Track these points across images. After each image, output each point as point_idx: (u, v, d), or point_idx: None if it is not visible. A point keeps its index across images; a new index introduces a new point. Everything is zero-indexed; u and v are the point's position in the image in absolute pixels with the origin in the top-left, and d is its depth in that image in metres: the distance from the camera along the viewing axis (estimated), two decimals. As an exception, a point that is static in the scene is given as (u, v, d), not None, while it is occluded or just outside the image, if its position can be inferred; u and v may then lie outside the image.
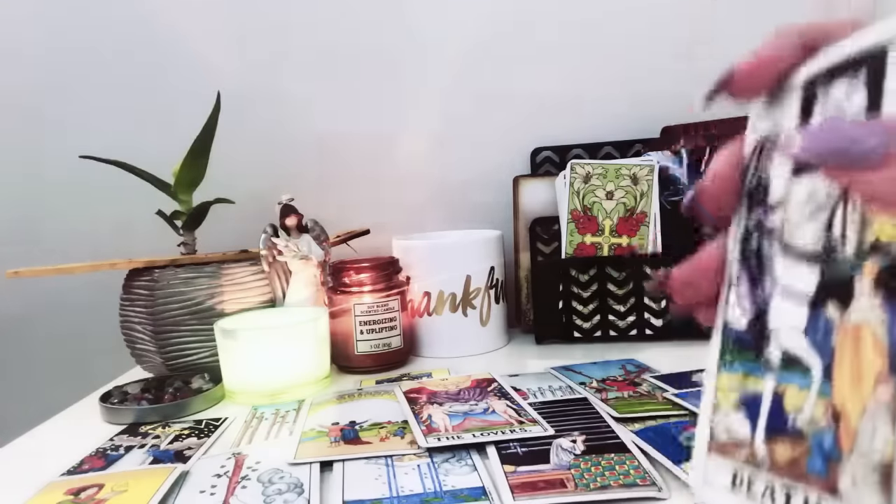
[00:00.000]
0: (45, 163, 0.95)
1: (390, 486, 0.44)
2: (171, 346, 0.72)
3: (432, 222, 0.91)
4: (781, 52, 0.19)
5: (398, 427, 0.54)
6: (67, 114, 0.95)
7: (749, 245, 0.21)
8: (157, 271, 0.73)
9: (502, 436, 0.50)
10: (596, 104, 0.89)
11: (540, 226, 0.79)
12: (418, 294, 0.78)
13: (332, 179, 0.93)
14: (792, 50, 0.19)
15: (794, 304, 0.18)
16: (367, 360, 0.73)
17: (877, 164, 0.15)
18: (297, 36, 0.91)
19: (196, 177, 0.78)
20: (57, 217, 0.96)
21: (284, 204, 0.74)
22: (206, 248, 0.81)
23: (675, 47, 0.87)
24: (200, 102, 0.77)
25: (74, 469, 0.51)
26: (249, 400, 0.65)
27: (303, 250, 0.74)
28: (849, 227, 0.17)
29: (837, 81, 0.17)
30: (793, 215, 0.19)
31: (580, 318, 0.78)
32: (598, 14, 0.88)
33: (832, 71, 0.18)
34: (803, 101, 0.19)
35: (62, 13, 0.93)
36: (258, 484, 0.46)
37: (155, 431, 0.59)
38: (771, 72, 0.19)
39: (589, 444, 0.48)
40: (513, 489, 0.42)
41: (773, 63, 0.19)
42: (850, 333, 0.16)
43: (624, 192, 0.77)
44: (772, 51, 0.19)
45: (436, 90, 0.91)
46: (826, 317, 0.17)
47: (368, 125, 0.92)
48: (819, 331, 0.17)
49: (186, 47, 0.92)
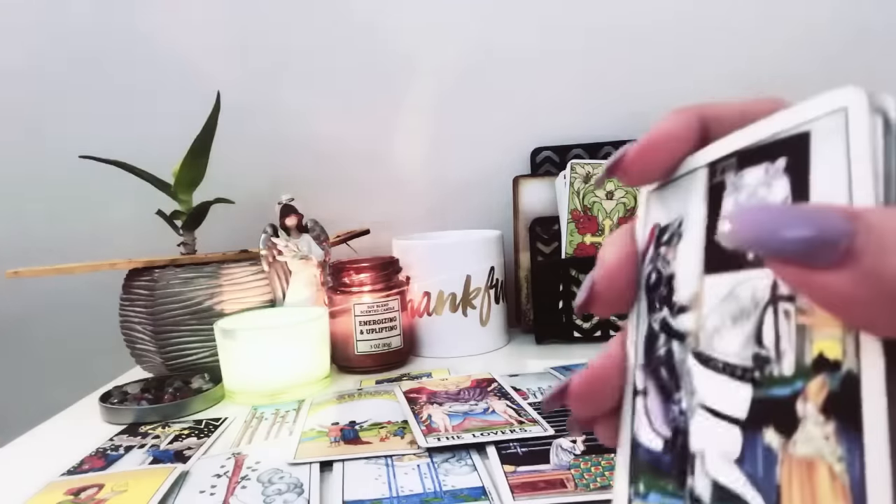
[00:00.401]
0: (46, 163, 0.95)
1: (390, 486, 0.44)
2: (171, 346, 0.72)
3: (432, 222, 0.91)
4: (677, 132, 0.17)
5: (398, 427, 0.54)
6: (67, 114, 0.95)
7: (656, 351, 0.17)
8: (156, 271, 0.73)
9: (502, 436, 0.50)
10: (596, 104, 0.89)
11: (540, 226, 0.79)
12: (418, 294, 0.78)
13: (332, 179, 0.93)
14: (688, 131, 0.17)
15: (723, 426, 0.15)
16: (367, 360, 0.73)
17: (838, 261, 0.12)
18: (296, 37, 0.91)
19: (196, 177, 0.78)
20: (57, 217, 0.96)
21: (284, 204, 0.74)
22: (206, 248, 0.81)
23: (675, 47, 0.87)
24: (200, 103, 0.77)
25: (74, 469, 0.51)
26: (249, 400, 0.65)
27: (303, 250, 0.74)
28: (783, 338, 0.14)
29: (750, 168, 0.15)
30: (709, 319, 0.16)
31: (580, 318, 0.78)
32: (598, 14, 0.87)
33: (742, 156, 0.15)
34: (710, 187, 0.16)
35: (64, 21, 0.93)
36: (258, 484, 0.46)
37: (155, 431, 0.59)
38: (664, 154, 0.17)
39: (589, 444, 0.48)
40: (513, 489, 0.42)
41: (667, 144, 0.17)
42: (800, 469, 0.13)
43: (624, 192, 0.77)
44: (666, 131, 0.17)
45: (436, 90, 0.91)
46: (765, 444, 0.14)
47: (368, 125, 0.92)
48: (757, 462, 0.14)
49: (187, 50, 0.92)
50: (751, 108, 0.17)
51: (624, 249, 0.19)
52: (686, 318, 0.16)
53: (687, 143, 0.17)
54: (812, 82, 0.86)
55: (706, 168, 0.16)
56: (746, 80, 0.85)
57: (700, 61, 0.86)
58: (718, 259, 0.15)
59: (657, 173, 0.18)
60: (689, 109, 0.17)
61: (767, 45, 0.85)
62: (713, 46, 0.86)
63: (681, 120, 0.17)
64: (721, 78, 0.85)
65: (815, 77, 0.84)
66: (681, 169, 0.17)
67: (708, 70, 0.86)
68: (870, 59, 0.83)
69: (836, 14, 0.84)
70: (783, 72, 0.84)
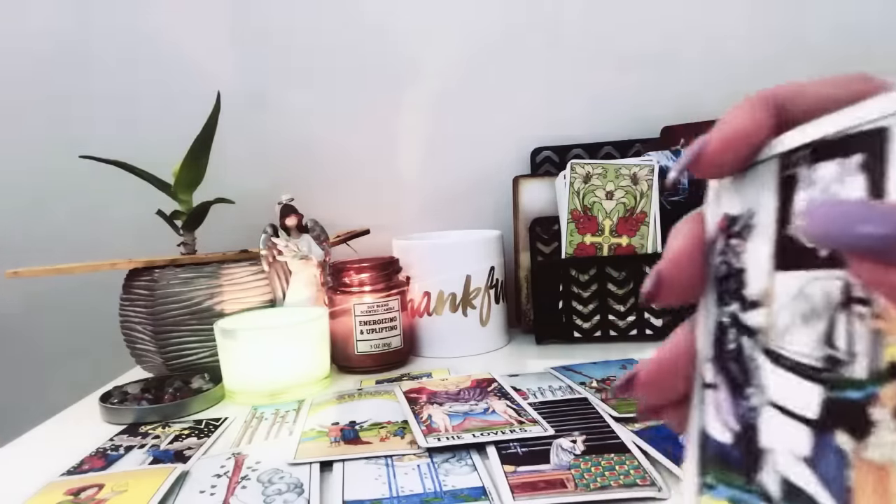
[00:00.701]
0: (46, 163, 0.95)
1: (390, 486, 0.44)
2: (171, 346, 0.72)
3: (432, 222, 0.91)
4: (755, 126, 0.16)
5: (398, 427, 0.54)
6: (68, 114, 0.95)
7: (725, 345, 0.17)
8: (157, 271, 0.73)
9: (502, 436, 0.50)
10: (596, 104, 0.89)
11: (540, 226, 0.79)
12: (418, 294, 0.78)
13: (332, 179, 0.93)
14: (765, 124, 0.16)
15: (792, 424, 0.15)
16: (367, 360, 0.73)
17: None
18: (296, 37, 0.91)
19: (196, 177, 0.78)
20: (57, 217, 0.96)
21: (284, 204, 0.74)
22: (206, 248, 0.81)
23: (676, 47, 0.87)
24: (200, 103, 0.77)
25: (74, 469, 0.51)
26: (249, 400, 0.65)
27: (303, 250, 0.74)
28: (856, 341, 0.13)
29: (823, 162, 0.14)
30: (780, 316, 0.15)
31: (580, 318, 0.78)
32: (598, 14, 0.87)
33: (816, 149, 0.15)
34: (782, 180, 0.16)
35: (64, 21, 0.93)
36: (258, 484, 0.46)
37: (155, 431, 0.59)
38: (743, 149, 0.17)
39: (589, 444, 0.48)
40: (513, 489, 0.42)
41: (746, 139, 0.16)
42: (873, 474, 0.13)
43: (624, 192, 0.77)
44: (744, 126, 0.16)
45: (436, 90, 0.91)
46: (835, 446, 0.13)
47: (369, 125, 0.92)
48: (828, 463, 0.14)
49: (187, 51, 0.92)
50: (830, 93, 0.16)
51: (692, 238, 0.18)
52: (757, 313, 0.16)
53: (764, 135, 0.16)
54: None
55: (778, 159, 0.16)
56: (746, 81, 0.85)
57: (700, 62, 0.86)
58: (790, 255, 0.15)
59: (735, 168, 0.17)
60: (766, 98, 0.17)
61: (767, 48, 0.85)
62: (713, 47, 0.86)
63: (758, 111, 0.16)
64: (722, 78, 0.85)
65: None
66: (753, 160, 0.17)
67: (708, 70, 0.86)
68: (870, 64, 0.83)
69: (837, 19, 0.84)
70: (780, 81, 0.84)
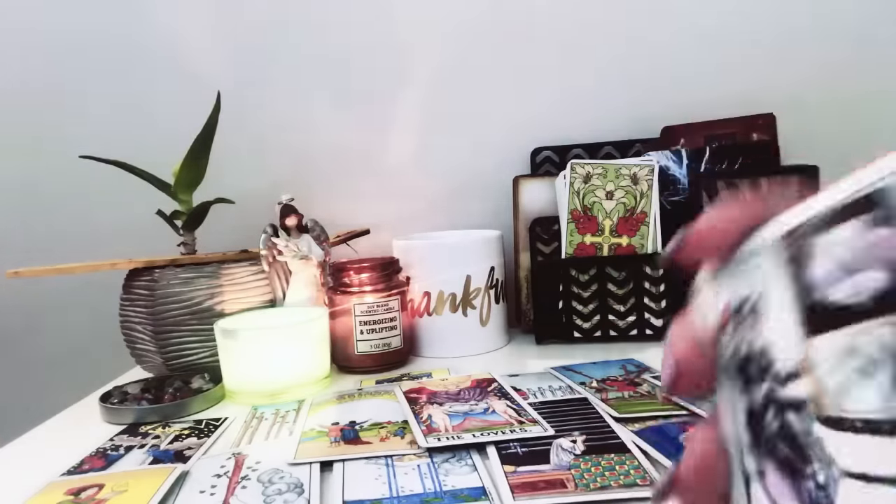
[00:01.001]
0: (46, 163, 0.95)
1: (390, 486, 0.44)
2: (171, 346, 0.72)
3: (432, 222, 0.91)
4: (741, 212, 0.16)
5: (398, 427, 0.54)
6: (68, 115, 0.95)
7: (765, 428, 0.16)
8: (157, 271, 0.73)
9: (502, 436, 0.50)
10: (596, 104, 0.89)
11: (540, 226, 0.79)
12: (418, 294, 0.78)
13: (332, 179, 0.93)
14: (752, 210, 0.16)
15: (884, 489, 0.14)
16: (367, 360, 0.73)
17: None
18: (298, 37, 0.91)
19: (196, 177, 0.78)
20: (57, 217, 0.96)
21: (284, 204, 0.74)
22: (206, 248, 0.81)
23: (676, 48, 0.87)
24: (200, 103, 0.77)
25: (74, 469, 0.51)
26: (249, 400, 0.65)
27: (303, 250, 0.74)
28: None
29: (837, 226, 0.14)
30: (830, 380, 0.15)
31: (580, 318, 0.78)
32: (598, 14, 0.87)
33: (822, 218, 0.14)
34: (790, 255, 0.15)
35: (64, 21, 0.93)
36: (258, 484, 0.46)
37: (155, 431, 0.59)
38: (732, 232, 0.17)
39: (589, 444, 0.48)
40: (513, 489, 0.42)
41: (734, 223, 0.16)
42: None
43: (624, 192, 0.77)
44: (730, 212, 0.17)
45: (436, 90, 0.91)
46: None
47: (369, 125, 0.92)
48: None
49: (188, 51, 0.92)
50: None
51: (687, 341, 0.18)
52: (798, 384, 0.15)
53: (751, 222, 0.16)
54: (810, 89, 0.85)
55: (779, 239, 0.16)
56: (746, 81, 0.85)
57: (700, 63, 0.86)
58: (822, 319, 0.15)
59: (723, 252, 0.17)
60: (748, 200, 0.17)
61: (767, 52, 0.85)
62: (713, 48, 0.86)
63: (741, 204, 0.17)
64: (721, 80, 0.85)
65: (813, 86, 0.84)
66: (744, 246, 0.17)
67: (708, 71, 0.86)
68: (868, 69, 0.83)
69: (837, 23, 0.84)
70: (780, 81, 0.84)
